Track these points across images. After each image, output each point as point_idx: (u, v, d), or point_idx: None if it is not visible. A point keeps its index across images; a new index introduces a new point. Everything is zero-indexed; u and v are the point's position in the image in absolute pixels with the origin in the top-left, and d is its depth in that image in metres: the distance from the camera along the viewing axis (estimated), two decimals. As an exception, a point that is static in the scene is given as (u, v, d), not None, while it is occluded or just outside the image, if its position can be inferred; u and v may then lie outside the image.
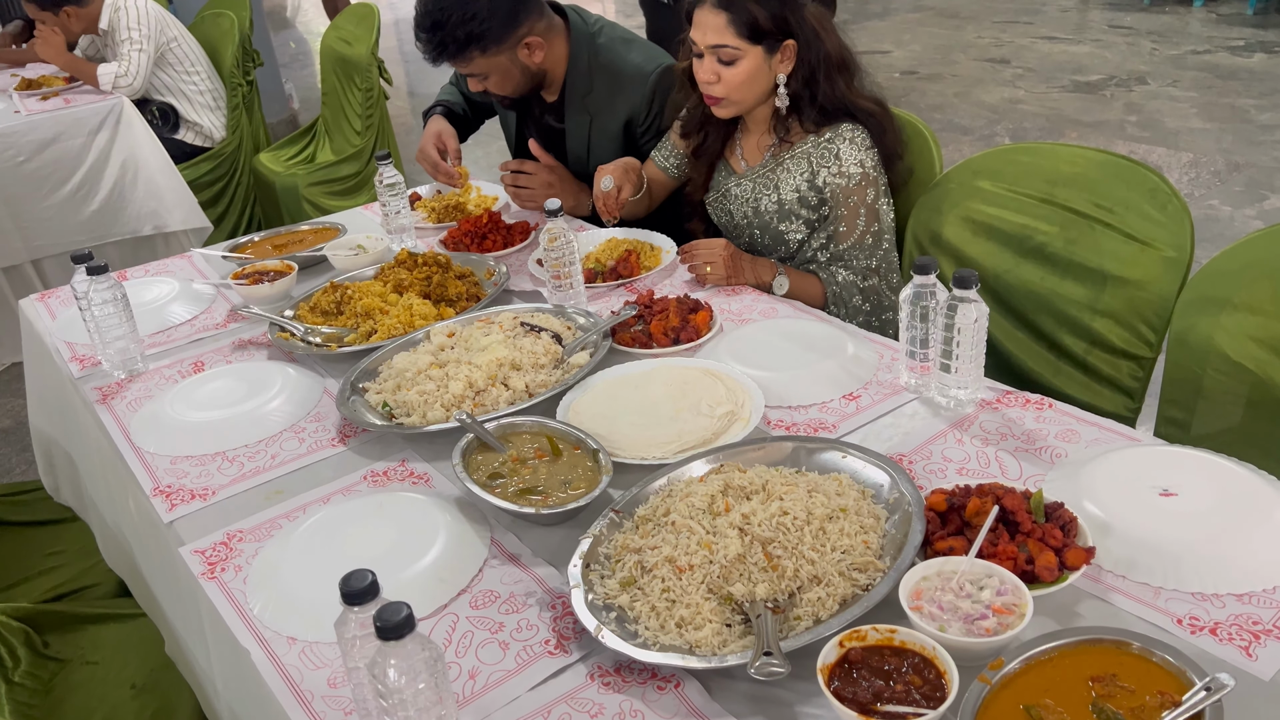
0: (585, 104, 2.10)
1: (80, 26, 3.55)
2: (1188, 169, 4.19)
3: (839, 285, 1.79)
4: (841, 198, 1.76)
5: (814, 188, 1.78)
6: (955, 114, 5.14)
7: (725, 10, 1.69)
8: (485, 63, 1.97)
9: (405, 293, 1.72)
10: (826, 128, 1.77)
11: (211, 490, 1.31)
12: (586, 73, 2.07)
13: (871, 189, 1.77)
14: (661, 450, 1.27)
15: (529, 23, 1.98)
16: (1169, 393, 1.52)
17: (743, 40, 1.70)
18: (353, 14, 3.77)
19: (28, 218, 3.22)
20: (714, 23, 1.69)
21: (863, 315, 1.80)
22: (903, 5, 7.63)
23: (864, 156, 1.75)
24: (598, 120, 2.11)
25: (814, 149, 1.77)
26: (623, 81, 2.06)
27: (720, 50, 1.70)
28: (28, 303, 1.93)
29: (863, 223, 1.78)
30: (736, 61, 1.71)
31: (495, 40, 1.93)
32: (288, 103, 5.87)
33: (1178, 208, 1.56)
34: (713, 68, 1.72)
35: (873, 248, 1.79)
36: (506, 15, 1.93)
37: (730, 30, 1.69)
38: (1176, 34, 6.19)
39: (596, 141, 2.13)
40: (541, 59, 2.03)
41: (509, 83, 2.03)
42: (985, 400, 1.35)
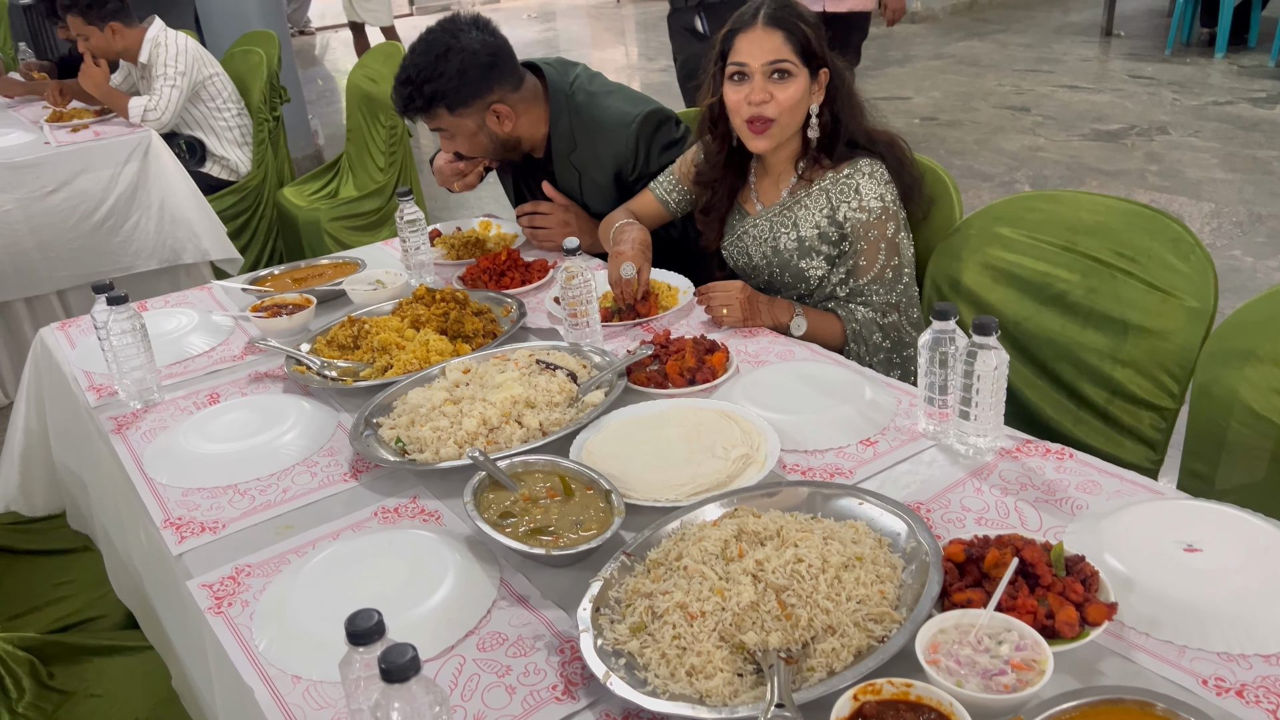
0: (572, 161, 2.13)
1: (121, 44, 3.61)
2: (1209, 219, 4.17)
3: (858, 323, 1.78)
4: (862, 231, 1.76)
5: (834, 223, 1.78)
6: (975, 160, 5.14)
7: (779, 29, 1.71)
8: (452, 122, 2.02)
9: (422, 328, 1.72)
10: (845, 164, 1.77)
11: (222, 523, 1.30)
12: (569, 132, 2.11)
13: (891, 223, 1.77)
14: (675, 492, 1.25)
15: (499, 91, 2.03)
16: (1192, 445, 1.49)
17: (798, 58, 1.71)
18: (379, 53, 3.82)
19: (54, 248, 3.26)
20: (769, 42, 1.70)
21: (883, 352, 1.79)
22: (923, 53, 7.69)
23: (883, 190, 1.76)
24: (586, 174, 2.13)
25: (832, 185, 1.78)
26: (605, 134, 2.09)
27: (778, 65, 1.70)
28: (48, 331, 1.94)
29: (883, 257, 1.77)
30: (790, 80, 1.71)
31: (461, 103, 1.99)
32: (313, 138, 5.94)
33: (1201, 258, 1.55)
34: (765, 87, 1.71)
35: (893, 281, 1.79)
36: (475, 81, 1.99)
37: (788, 47, 1.70)
38: (1198, 85, 6.20)
39: (589, 195, 2.15)
40: (512, 128, 2.07)
41: (476, 146, 2.08)
42: (1005, 449, 1.33)
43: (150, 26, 3.63)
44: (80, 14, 3.52)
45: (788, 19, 1.72)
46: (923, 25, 8.74)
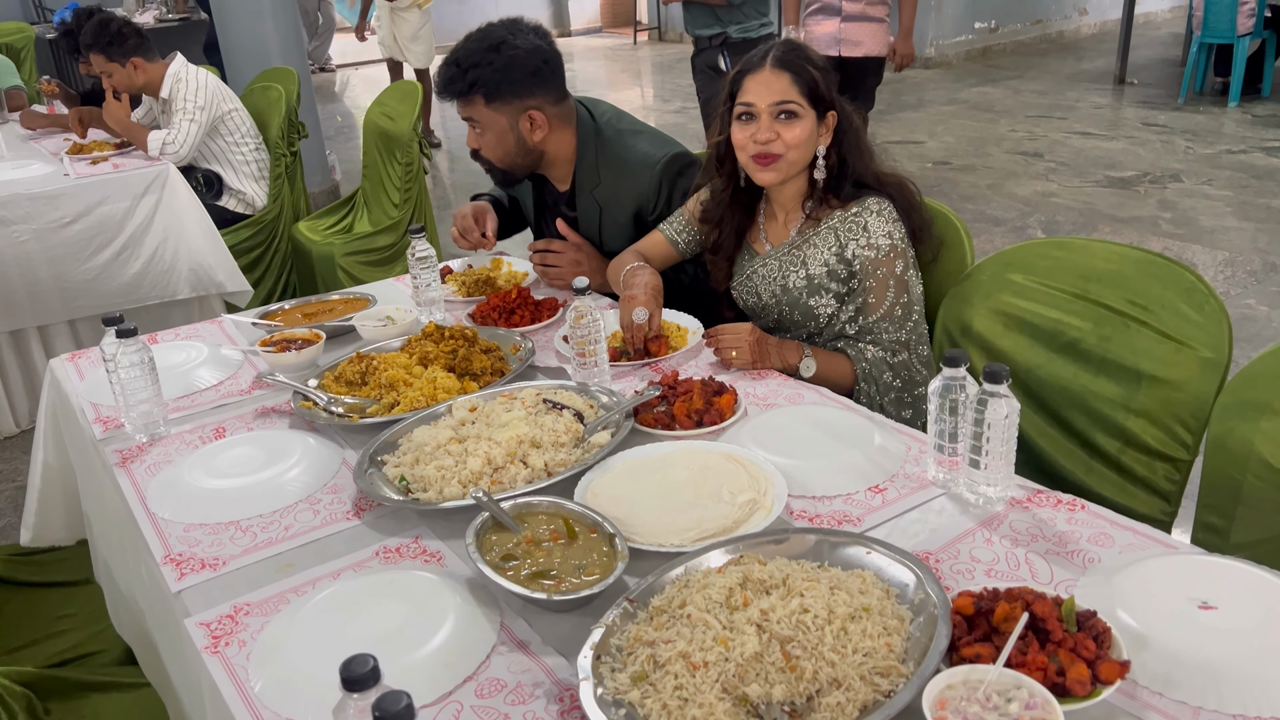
0: (594, 196, 2.14)
1: (144, 80, 3.66)
2: (1223, 267, 4.16)
3: (868, 362, 1.77)
4: (870, 269, 1.77)
5: (843, 260, 1.79)
6: (988, 205, 5.15)
7: (787, 70, 1.74)
8: (485, 114, 2.03)
9: (430, 365, 1.71)
10: (853, 203, 1.79)
11: (222, 560, 1.29)
12: (593, 166, 2.12)
13: (900, 260, 1.77)
14: (680, 537, 1.24)
15: (539, 99, 2.04)
16: (1206, 498, 1.47)
17: (805, 100, 1.74)
18: (396, 90, 3.87)
19: (69, 278, 3.28)
20: (777, 83, 1.73)
21: (894, 392, 1.78)
22: (937, 98, 7.74)
23: (891, 228, 1.77)
24: (607, 211, 2.14)
25: (840, 223, 1.79)
26: (629, 173, 2.10)
27: (784, 106, 1.73)
28: (58, 362, 1.94)
29: (892, 294, 1.77)
30: (796, 120, 1.74)
31: (499, 97, 2.01)
32: (330, 174, 6.00)
33: (1215, 308, 1.53)
34: (772, 126, 1.74)
35: (902, 319, 1.78)
36: (518, 81, 2.01)
37: (794, 89, 1.73)
38: (1211, 133, 6.21)
39: (608, 231, 2.16)
40: (541, 139, 2.08)
41: (501, 145, 2.07)
42: (1015, 499, 1.31)
43: (172, 62, 3.68)
44: (102, 51, 3.57)
45: (795, 62, 1.75)
46: (937, 71, 8.81)
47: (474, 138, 2.09)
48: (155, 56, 3.67)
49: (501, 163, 2.11)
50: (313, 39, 10.92)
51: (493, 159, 2.11)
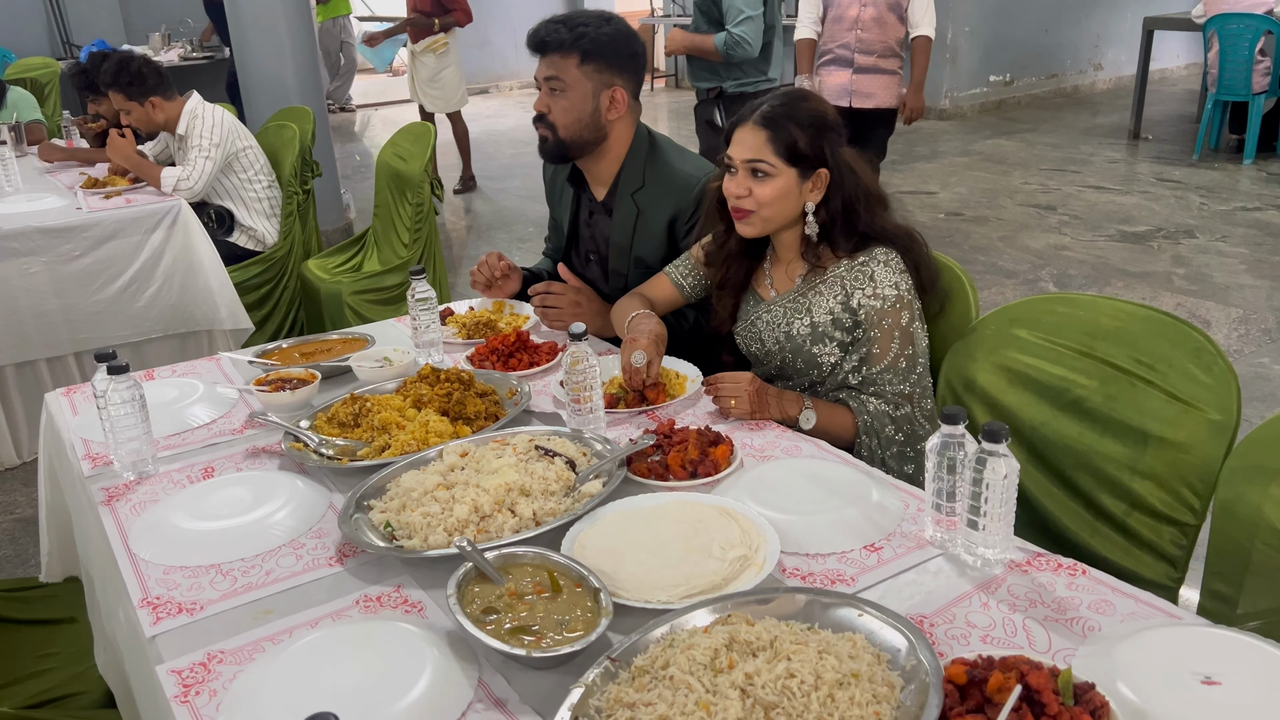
0: (635, 198, 2.17)
1: (162, 118, 3.70)
2: (1237, 325, 4.11)
3: (870, 415, 1.74)
4: (876, 319, 1.75)
5: (848, 309, 1.77)
6: (1000, 257, 5.13)
7: (766, 128, 1.73)
8: (575, 75, 2.06)
9: (424, 408, 1.69)
10: (861, 252, 1.78)
11: (200, 605, 1.26)
12: (640, 170, 2.17)
13: (906, 311, 1.75)
14: (667, 594, 1.20)
15: (625, 83, 2.11)
16: (1214, 564, 1.43)
17: (779, 160, 1.73)
18: (409, 132, 3.89)
19: (77, 311, 3.29)
20: (753, 140, 1.74)
21: (896, 446, 1.74)
22: (950, 149, 7.76)
23: (898, 279, 1.75)
24: (644, 215, 2.17)
25: (847, 272, 1.78)
26: (674, 181, 2.15)
27: (755, 164, 1.74)
28: (53, 397, 1.93)
29: (896, 346, 1.75)
30: (769, 179, 1.74)
31: (594, 60, 2.06)
32: (344, 212, 6.04)
33: (1223, 369, 1.50)
34: (745, 182, 1.75)
35: (906, 371, 1.75)
36: (617, 56, 2.09)
37: (769, 148, 1.73)
38: (1225, 190, 6.19)
39: (641, 235, 2.18)
40: (613, 120, 2.12)
41: (577, 111, 2.09)
42: (1014, 561, 1.27)
43: (189, 100, 3.72)
44: (122, 90, 3.62)
45: (778, 119, 1.73)
46: (951, 122, 8.84)
47: (546, 99, 2.10)
48: (173, 95, 3.71)
49: (567, 130, 2.11)
50: (334, 79, 11.07)
51: (562, 124, 2.10)
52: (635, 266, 2.20)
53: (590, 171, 2.23)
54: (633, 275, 2.21)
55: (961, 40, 8.87)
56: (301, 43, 5.32)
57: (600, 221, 2.27)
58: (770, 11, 3.97)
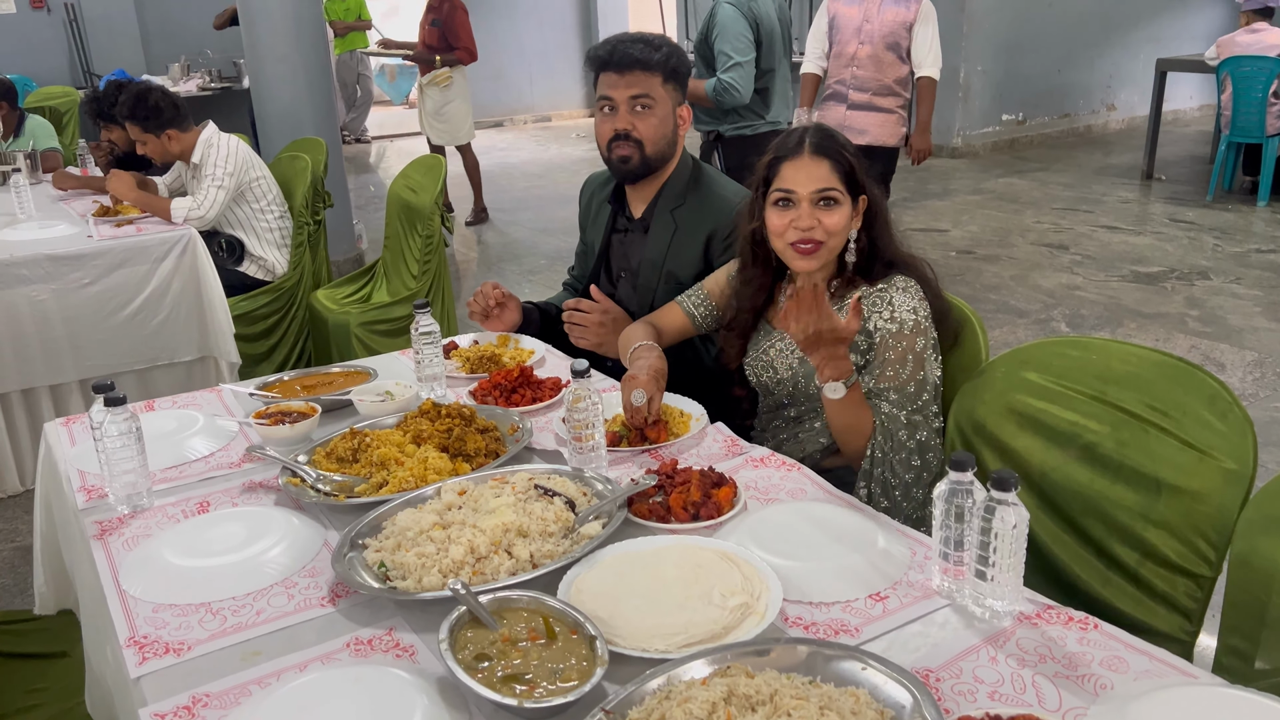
0: (674, 215, 2.22)
1: (178, 149, 3.72)
2: (1252, 368, 4.07)
3: (885, 416, 1.72)
4: (891, 342, 1.75)
5: (864, 332, 1.78)
6: (1011, 296, 5.10)
7: (826, 158, 1.75)
8: (661, 92, 2.15)
9: (424, 444, 1.67)
10: (880, 279, 1.79)
11: (188, 645, 1.23)
12: (682, 189, 2.23)
13: (921, 338, 1.74)
14: (665, 642, 1.17)
15: (684, 99, 2.22)
16: (1230, 619, 1.39)
17: (843, 187, 1.75)
18: (421, 164, 3.91)
19: (83, 338, 3.29)
20: (818, 170, 1.74)
21: (905, 451, 1.71)
22: (962, 187, 7.75)
23: (917, 305, 1.75)
24: (682, 230, 2.21)
25: (865, 297, 1.78)
26: (713, 201, 2.21)
27: (826, 193, 1.74)
28: (52, 426, 1.92)
29: (908, 370, 1.73)
30: (836, 207, 1.75)
31: (677, 79, 2.17)
32: (356, 242, 6.05)
33: (1239, 417, 1.47)
34: (812, 213, 1.74)
35: (913, 396, 1.74)
36: (685, 77, 2.20)
37: (835, 176, 1.74)
38: (1240, 232, 6.16)
39: (675, 250, 2.22)
40: (680, 134, 2.22)
41: (657, 124, 2.16)
42: (1024, 614, 1.24)
43: (205, 129, 3.74)
44: (139, 123, 3.64)
45: (832, 148, 1.77)
46: (963, 160, 8.85)
47: (629, 118, 2.15)
48: (189, 126, 3.73)
49: (654, 146, 2.17)
50: (351, 111, 11.17)
51: (649, 140, 2.16)
52: (665, 282, 2.23)
53: (636, 189, 2.28)
54: (661, 290, 2.23)
55: (974, 79, 8.90)
56: (317, 75, 5.37)
57: (634, 239, 2.31)
58: (768, 55, 3.96)
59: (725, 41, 3.85)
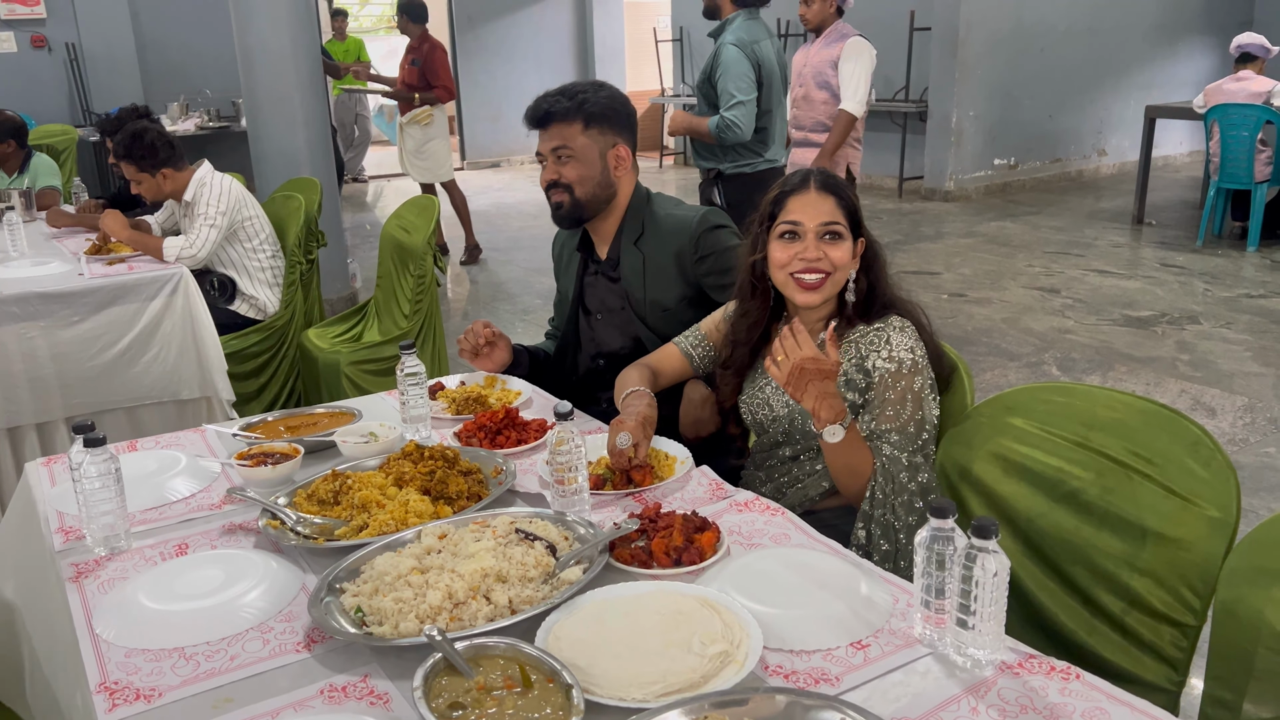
0: (639, 246, 2.25)
1: (171, 188, 3.74)
2: (1243, 413, 4.07)
3: (887, 458, 1.72)
4: (890, 381, 1.75)
5: (862, 370, 1.78)
6: (1003, 339, 5.12)
7: (830, 194, 1.80)
8: (581, 141, 2.17)
9: (405, 486, 1.66)
10: (877, 319, 1.81)
11: (159, 691, 1.21)
12: (638, 220, 2.26)
13: (919, 377, 1.75)
14: (643, 691, 1.16)
15: (624, 139, 2.23)
16: (1215, 669, 1.37)
17: (847, 223, 1.80)
18: (414, 204, 3.92)
19: (71, 376, 3.28)
20: (824, 205, 1.79)
21: (907, 494, 1.70)
22: (955, 230, 7.81)
23: (914, 344, 1.76)
24: (650, 258, 2.25)
25: (862, 338, 1.79)
26: (671, 224, 2.26)
27: (831, 226, 1.78)
28: (32, 466, 1.90)
29: (908, 409, 1.73)
30: (840, 241, 1.79)
31: (598, 124, 2.18)
32: (350, 281, 6.07)
33: (1222, 464, 1.46)
34: (818, 247, 1.78)
35: (913, 436, 1.73)
36: (616, 117, 2.20)
37: (839, 211, 1.79)
38: (1229, 276, 6.20)
39: (652, 275, 2.25)
40: (619, 178, 2.23)
41: (585, 170, 2.18)
42: (1006, 663, 1.22)
43: (199, 168, 3.76)
44: (134, 162, 3.65)
45: (837, 187, 1.83)
46: (956, 204, 8.92)
47: (555, 168, 2.20)
48: (184, 165, 3.75)
49: (583, 190, 2.20)
50: (348, 150, 11.26)
51: (577, 185, 2.19)
52: (652, 310, 2.25)
53: (597, 231, 2.31)
54: (651, 319, 2.25)
55: (966, 124, 9.00)
56: (313, 115, 5.41)
57: (602, 280, 2.33)
58: (767, 96, 4.03)
59: (729, 80, 3.91)
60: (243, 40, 5.25)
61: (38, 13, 8.76)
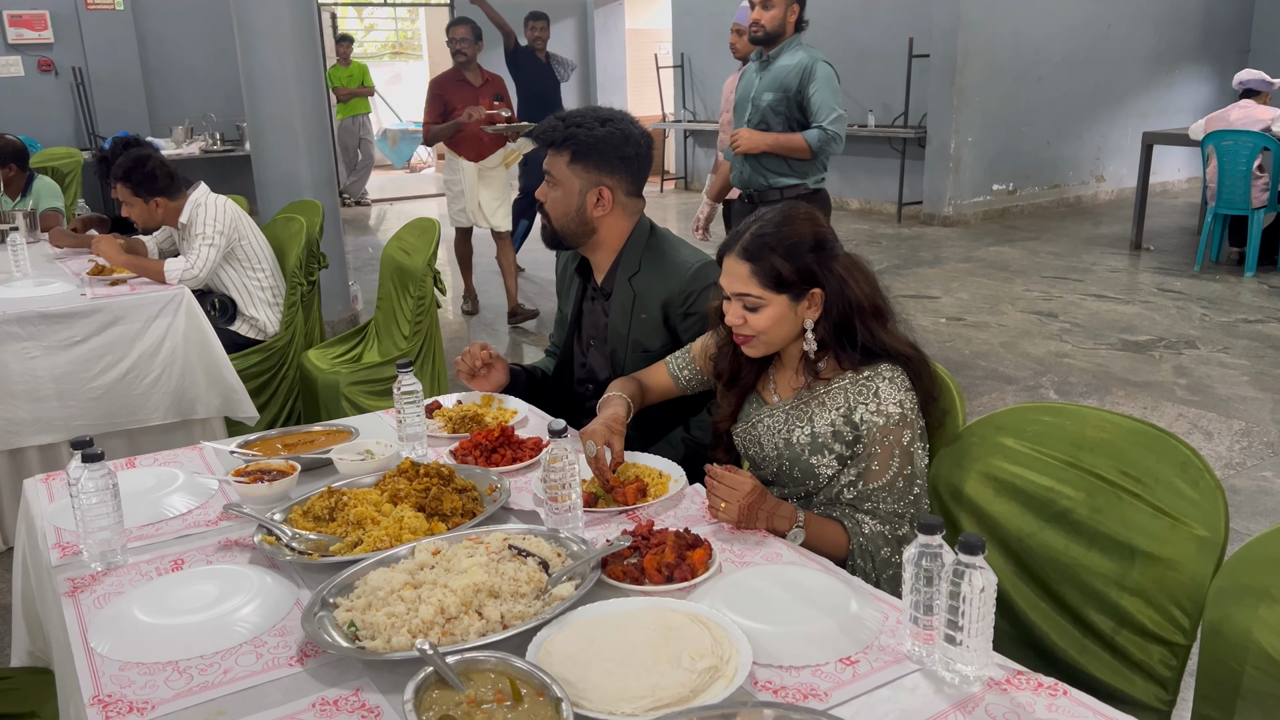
0: (631, 283, 2.24)
1: (162, 215, 3.77)
2: (1239, 437, 4.08)
3: (865, 537, 1.71)
4: (878, 436, 1.72)
5: (850, 423, 1.75)
6: (1000, 363, 5.13)
7: (749, 261, 1.74)
8: (564, 172, 2.16)
9: (400, 503, 1.67)
10: (865, 366, 1.75)
11: (151, 705, 1.22)
12: (637, 257, 2.25)
13: (908, 430, 1.72)
14: (632, 705, 1.16)
15: (615, 181, 2.19)
16: (1203, 688, 1.38)
17: (766, 290, 1.74)
18: (415, 227, 3.95)
19: (72, 396, 3.30)
20: (739, 271, 1.76)
21: (893, 568, 1.70)
22: (953, 255, 7.84)
23: (903, 397, 1.72)
24: (640, 299, 2.23)
25: (852, 385, 1.75)
26: (667, 267, 2.22)
27: (744, 298, 1.76)
28: (31, 483, 1.92)
29: (896, 465, 1.72)
30: (762, 308, 1.75)
31: (582, 160, 2.15)
32: (351, 303, 6.10)
33: (1210, 484, 1.47)
34: (739, 312, 1.77)
35: (903, 491, 1.72)
36: (606, 156, 2.16)
37: (754, 280, 1.74)
38: (1227, 302, 6.22)
39: (637, 320, 2.24)
40: (599, 217, 2.20)
41: (563, 206, 2.19)
42: (994, 679, 1.23)
43: (194, 190, 3.78)
44: (130, 186, 3.68)
45: (760, 252, 1.73)
46: (954, 229, 8.97)
47: (545, 190, 2.21)
48: (179, 194, 3.75)
49: (558, 222, 2.22)
50: (351, 174, 11.34)
51: (553, 214, 2.22)
52: (633, 350, 2.25)
53: (593, 259, 2.32)
54: (629, 360, 2.24)
55: (965, 150, 9.06)
56: (316, 139, 5.45)
57: (598, 307, 2.34)
58: None
59: (827, 94, 3.82)
60: (247, 65, 5.31)
61: (45, 37, 8.86)
